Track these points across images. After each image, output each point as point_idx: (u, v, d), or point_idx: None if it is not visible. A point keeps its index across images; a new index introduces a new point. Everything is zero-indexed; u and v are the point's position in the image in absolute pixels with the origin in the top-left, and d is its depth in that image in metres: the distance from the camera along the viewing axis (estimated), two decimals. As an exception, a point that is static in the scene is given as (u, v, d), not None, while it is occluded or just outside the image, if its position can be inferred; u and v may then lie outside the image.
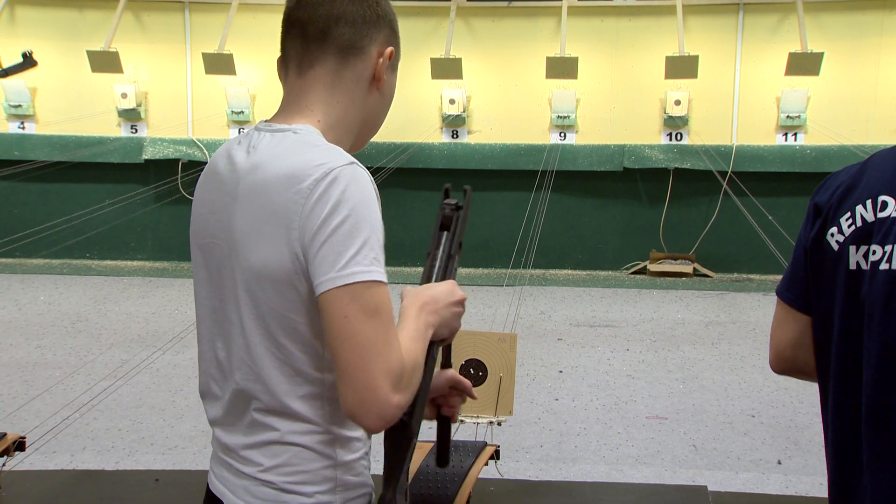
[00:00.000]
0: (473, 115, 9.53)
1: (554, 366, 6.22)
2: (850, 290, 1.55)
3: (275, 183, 1.49)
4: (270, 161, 1.53)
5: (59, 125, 9.48)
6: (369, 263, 1.43)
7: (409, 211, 9.52)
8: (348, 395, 1.41)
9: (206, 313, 1.66)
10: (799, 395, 5.54)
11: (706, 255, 9.31)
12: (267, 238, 1.49)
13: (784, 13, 8.99)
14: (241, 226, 1.54)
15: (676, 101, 9.10)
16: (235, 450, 1.59)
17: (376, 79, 1.65)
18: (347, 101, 1.64)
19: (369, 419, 1.41)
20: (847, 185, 1.60)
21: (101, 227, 9.31)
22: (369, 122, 1.70)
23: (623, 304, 8.14)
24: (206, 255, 1.64)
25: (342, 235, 1.43)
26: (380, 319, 1.42)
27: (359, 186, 1.46)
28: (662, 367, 6.19)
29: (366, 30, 1.63)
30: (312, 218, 1.44)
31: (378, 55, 1.64)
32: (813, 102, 9.00)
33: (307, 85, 1.64)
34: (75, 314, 7.51)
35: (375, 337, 1.41)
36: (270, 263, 1.49)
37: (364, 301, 1.42)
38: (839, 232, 1.57)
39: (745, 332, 7.09)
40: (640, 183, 9.48)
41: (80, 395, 5.33)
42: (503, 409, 2.81)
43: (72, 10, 9.53)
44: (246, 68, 9.27)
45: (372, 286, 1.43)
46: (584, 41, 9.15)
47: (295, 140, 1.55)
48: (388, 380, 1.40)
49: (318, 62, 1.63)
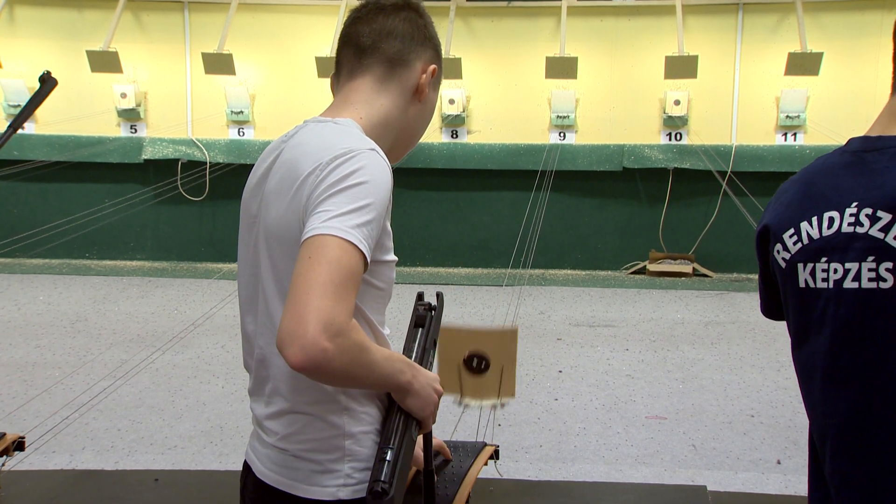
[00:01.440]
0: (473, 115, 9.53)
1: (553, 366, 6.22)
2: (803, 307, 1.55)
3: (305, 155, 1.62)
4: (308, 141, 1.66)
5: (59, 125, 9.48)
6: (354, 227, 1.50)
7: (408, 210, 9.53)
8: (283, 323, 1.45)
9: (242, 289, 1.76)
10: (798, 395, 5.48)
11: (706, 255, 9.31)
12: (285, 199, 1.61)
13: (783, 13, 9.00)
14: (269, 190, 1.67)
15: (676, 101, 9.10)
16: (261, 420, 1.71)
17: (419, 91, 1.81)
18: (391, 105, 1.79)
19: (292, 350, 1.42)
20: (787, 201, 1.58)
21: (101, 226, 9.31)
22: (408, 130, 1.86)
23: (622, 303, 8.14)
24: (246, 233, 1.75)
25: (340, 199, 1.52)
26: (339, 272, 1.46)
27: (375, 168, 1.57)
28: (662, 367, 6.19)
29: (413, 46, 1.80)
30: (322, 184, 1.54)
31: (422, 70, 1.81)
32: (812, 102, 9.01)
33: (355, 86, 1.79)
34: (74, 314, 7.51)
35: (327, 280, 1.45)
36: (285, 225, 1.61)
37: (330, 251, 1.47)
38: (784, 249, 1.56)
39: (744, 332, 7.09)
40: (639, 183, 9.49)
41: (79, 394, 5.33)
42: (506, 392, 2.89)
43: (71, 9, 9.53)
44: (245, 68, 9.27)
45: (344, 244, 1.48)
46: (584, 41, 9.16)
47: (335, 128, 1.69)
48: (323, 320, 1.42)
49: (368, 68, 1.79)
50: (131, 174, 9.66)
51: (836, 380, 1.50)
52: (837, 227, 1.49)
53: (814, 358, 1.54)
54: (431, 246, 9.69)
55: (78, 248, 9.52)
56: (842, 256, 1.47)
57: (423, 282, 8.88)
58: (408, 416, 1.63)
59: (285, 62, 9.51)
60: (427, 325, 1.80)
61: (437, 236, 9.69)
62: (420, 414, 1.65)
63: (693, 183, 9.25)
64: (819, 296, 1.51)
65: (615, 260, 9.56)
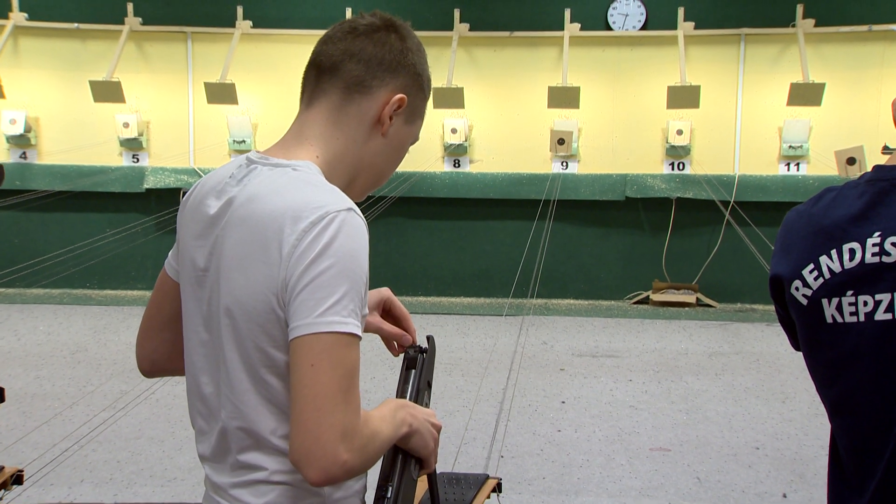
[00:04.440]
0: (475, 145, 9.56)
1: (556, 396, 6.19)
2: (832, 344, 1.51)
3: (271, 217, 1.48)
4: (268, 195, 1.51)
5: (61, 155, 9.52)
6: (347, 315, 1.42)
7: (410, 240, 9.53)
8: (296, 442, 1.40)
9: (195, 346, 1.63)
10: (804, 428, 5.51)
11: (709, 284, 9.30)
12: (253, 271, 1.48)
13: (785, 44, 9.05)
14: (229, 255, 1.52)
15: (678, 130, 9.12)
16: (225, 489, 1.58)
17: (380, 121, 1.63)
18: (347, 139, 1.63)
19: (312, 471, 1.38)
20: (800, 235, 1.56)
21: (102, 256, 9.32)
22: (371, 168, 1.67)
23: (626, 334, 8.12)
24: (195, 288, 1.61)
25: (324, 282, 1.42)
26: (344, 374, 1.41)
27: (351, 235, 1.45)
28: (666, 398, 6.16)
29: (377, 72, 1.62)
30: (301, 260, 1.43)
31: (385, 100, 1.63)
32: (815, 132, 9.03)
33: (311, 117, 1.64)
34: (75, 344, 7.49)
35: (336, 390, 1.39)
36: (254, 296, 1.48)
37: (334, 353, 1.40)
38: (805, 285, 1.53)
39: (748, 363, 7.07)
40: (642, 212, 9.49)
41: (79, 426, 5.31)
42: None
43: (74, 40, 9.59)
44: (248, 98, 9.32)
45: (344, 339, 1.41)
46: (586, 71, 9.20)
47: (295, 176, 1.54)
48: (339, 434, 1.38)
49: (325, 95, 1.63)
50: (133, 204, 9.68)
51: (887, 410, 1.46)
52: (860, 259, 1.46)
53: (856, 393, 1.49)
54: (433, 275, 9.69)
55: (79, 277, 9.53)
56: (871, 288, 1.45)
57: (424, 311, 8.87)
58: (406, 453, 1.59)
59: (287, 92, 9.53)
60: (419, 367, 1.75)
61: (439, 265, 9.69)
62: (423, 453, 1.61)
63: (696, 212, 9.26)
64: (850, 330, 1.48)
65: (618, 290, 9.55)
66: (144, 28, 9.46)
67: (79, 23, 9.51)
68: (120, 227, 9.43)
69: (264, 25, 9.42)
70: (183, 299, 1.66)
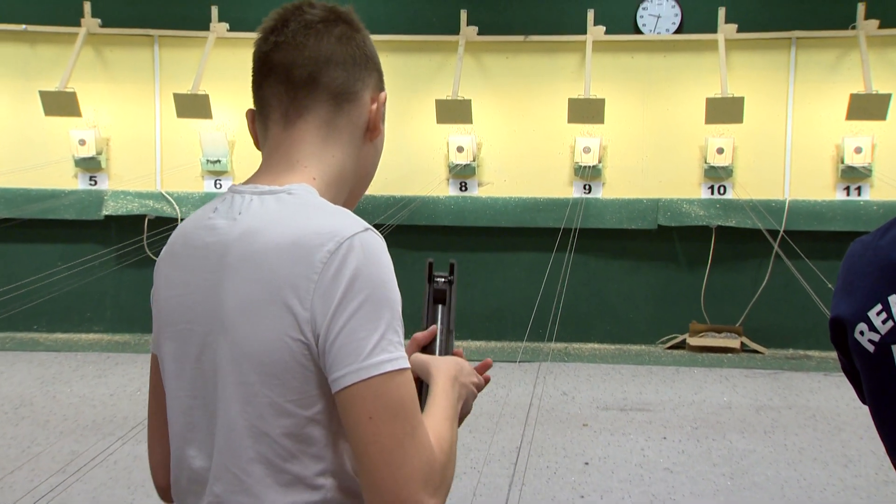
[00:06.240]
0: (484, 165, 9.56)
1: (579, 457, 6.15)
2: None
3: (277, 252, 1.47)
4: (268, 227, 1.50)
5: (6, 176, 9.52)
6: (394, 349, 1.46)
7: (410, 275, 9.38)
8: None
9: (178, 415, 1.61)
10: (871, 496, 5.46)
11: (756, 327, 9.26)
12: (268, 317, 1.47)
13: (844, 49, 9.05)
14: (233, 303, 1.50)
15: (719, 149, 9.12)
16: None
17: (371, 128, 1.67)
18: (343, 154, 1.65)
19: None
20: (862, 272, 1.54)
21: (53, 293, 9.30)
22: (364, 178, 1.73)
23: (659, 384, 8.08)
24: (179, 345, 1.59)
25: (362, 320, 1.44)
26: (406, 415, 1.43)
27: (374, 259, 1.49)
28: (706, 460, 6.12)
29: (357, 73, 1.65)
30: (327, 300, 1.43)
31: (372, 101, 1.66)
32: (879, 151, 9.02)
33: (297, 138, 1.63)
34: (18, 398, 7.46)
35: (403, 436, 1.41)
36: (269, 347, 1.47)
37: (389, 397, 1.42)
38: (871, 329, 1.51)
39: (803, 419, 7.02)
40: (677, 243, 9.48)
41: (22, 496, 5.26)
42: None
43: (22, 44, 9.63)
44: (223, 111, 9.33)
45: (396, 376, 1.44)
46: (612, 80, 9.22)
47: (294, 202, 1.54)
48: (420, 484, 1.41)
49: (309, 111, 1.63)
50: (90, 233, 9.68)
51: None
52: None
53: None
54: (436, 316, 9.65)
55: (24, 319, 9.49)
56: None
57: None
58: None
59: (268, 104, 9.57)
60: (448, 301, 1.79)
61: (443, 305, 9.65)
62: (463, 415, 1.72)
63: (740, 243, 9.24)
64: None
65: (650, 332, 9.52)
66: (104, 30, 9.50)
67: (27, 24, 9.55)
68: (74, 261, 9.42)
69: (243, 28, 9.43)
70: (162, 365, 1.64)
